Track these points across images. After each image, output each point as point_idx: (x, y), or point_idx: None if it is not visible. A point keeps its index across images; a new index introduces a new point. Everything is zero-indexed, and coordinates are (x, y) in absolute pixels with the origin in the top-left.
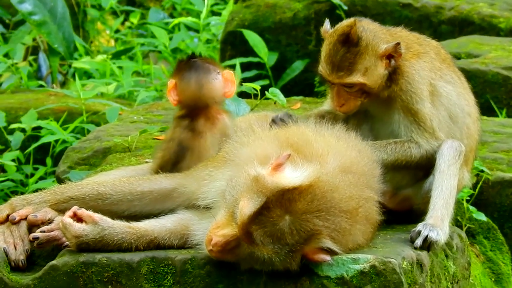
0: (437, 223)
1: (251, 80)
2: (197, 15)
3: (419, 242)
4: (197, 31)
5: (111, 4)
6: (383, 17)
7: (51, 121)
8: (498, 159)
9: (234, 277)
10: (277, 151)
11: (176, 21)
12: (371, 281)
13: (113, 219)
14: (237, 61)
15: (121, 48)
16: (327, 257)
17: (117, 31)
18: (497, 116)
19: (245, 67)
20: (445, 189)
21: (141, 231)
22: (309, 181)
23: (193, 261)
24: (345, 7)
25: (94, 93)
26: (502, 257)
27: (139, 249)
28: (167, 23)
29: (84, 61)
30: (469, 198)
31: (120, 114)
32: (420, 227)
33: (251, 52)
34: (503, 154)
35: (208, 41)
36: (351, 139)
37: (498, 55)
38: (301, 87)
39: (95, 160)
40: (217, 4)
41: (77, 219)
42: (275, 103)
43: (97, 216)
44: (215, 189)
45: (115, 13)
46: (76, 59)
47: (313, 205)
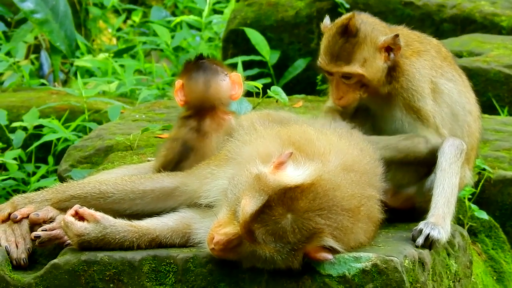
0: (439, 222)
1: (253, 78)
2: (199, 13)
3: (420, 240)
4: (199, 30)
5: (113, 2)
6: (385, 15)
7: (53, 119)
8: (500, 157)
9: (236, 276)
10: (279, 150)
11: (178, 19)
12: (373, 279)
13: (115, 218)
14: (239, 59)
15: (123, 46)
16: (329, 256)
17: (119, 30)
18: (499, 114)
19: (247, 66)
20: (447, 187)
21: (143, 229)
22: (311, 180)
23: (195, 259)
24: (347, 5)
25: (96, 91)
26: (504, 255)
27: (141, 248)
28: (169, 22)
29: (86, 59)
30: (471, 196)
31: (122, 112)
32: (421, 225)
33: (253, 50)
34: (505, 152)
35: (210, 40)
36: (353, 137)
37: (500, 53)
38: (303, 86)
39: (97, 158)
40: (219, 2)
41: (79, 217)
42: (277, 101)
43: (99, 214)
44: (217, 187)
45: (117, 12)
46: (78, 57)
47: (315, 203)
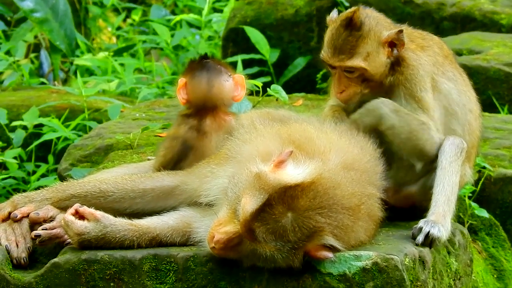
0: (439, 220)
1: (253, 77)
2: (199, 12)
3: (420, 238)
4: (199, 28)
5: (113, 1)
6: (385, 14)
7: (53, 118)
8: (500, 155)
9: (236, 274)
10: (279, 148)
11: (178, 18)
12: (373, 278)
13: (115, 217)
14: (239, 58)
15: (123, 45)
16: (330, 254)
17: (118, 28)
18: (499, 112)
19: (247, 64)
20: (447, 185)
21: (143, 228)
22: (311, 178)
23: (195, 258)
24: (347, 4)
25: (96, 90)
26: (504, 253)
27: (141, 247)
28: (169, 20)
29: (85, 58)
30: (471, 194)
31: (122, 111)
32: (421, 223)
33: (253, 49)
34: (505, 150)
35: (210, 38)
36: (354, 135)
37: (500, 51)
38: (303, 84)
39: (97, 157)
40: (218, 1)
41: (79, 216)
42: (277, 100)
43: (99, 213)
44: (217, 186)
45: (116, 10)
46: (77, 56)
47: (315, 202)
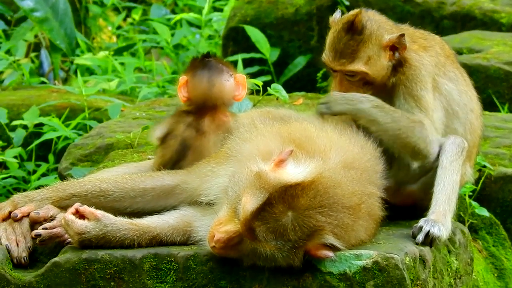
0: (439, 219)
1: (253, 76)
2: (199, 11)
3: (421, 237)
4: (199, 27)
5: (113, 0)
6: (386, 13)
7: (53, 117)
8: (500, 154)
9: (236, 274)
10: (279, 147)
11: (178, 17)
12: (373, 277)
13: (116, 216)
14: (239, 57)
15: (123, 44)
16: (330, 253)
17: (119, 28)
18: (499, 111)
19: (247, 63)
20: (448, 184)
21: (143, 227)
22: (312, 177)
23: (195, 257)
24: (347, 2)
25: (96, 89)
26: (504, 252)
27: (142, 246)
28: (169, 19)
29: (86, 57)
30: (471, 193)
31: (122, 110)
32: (422, 222)
33: (253, 48)
34: (505, 149)
35: (210, 37)
36: (354, 134)
37: (500, 50)
38: (303, 83)
39: (98, 156)
40: (219, 0)
41: (80, 216)
42: (277, 99)
43: (100, 212)
44: (218, 185)
45: (117, 9)
46: (78, 55)
47: (316, 201)
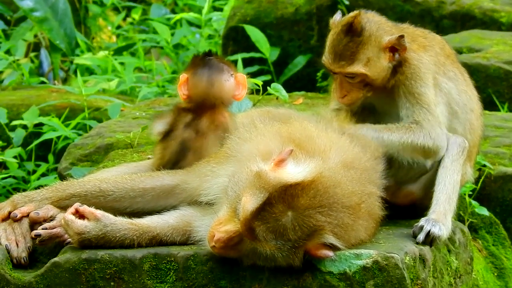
0: (440, 218)
1: (253, 75)
2: (199, 10)
3: (421, 237)
4: (199, 27)
5: (113, 0)
6: (385, 12)
7: (53, 117)
8: (500, 153)
9: (236, 273)
10: (279, 147)
11: (178, 16)
12: (373, 276)
13: (116, 216)
14: (239, 56)
15: (123, 44)
16: (330, 253)
17: (118, 27)
18: (499, 110)
19: (247, 63)
20: (448, 184)
21: (143, 227)
22: (312, 177)
23: (195, 257)
24: (347, 2)
25: (96, 89)
26: (504, 251)
27: (142, 246)
28: (169, 19)
29: (85, 57)
30: (471, 192)
31: (122, 110)
32: (422, 222)
33: (253, 47)
34: (505, 148)
35: (210, 37)
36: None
37: (499, 49)
38: (303, 82)
39: (97, 156)
40: None
41: (79, 216)
42: (277, 98)
43: (99, 212)
44: (218, 185)
45: (116, 9)
46: (77, 55)
47: (316, 200)
